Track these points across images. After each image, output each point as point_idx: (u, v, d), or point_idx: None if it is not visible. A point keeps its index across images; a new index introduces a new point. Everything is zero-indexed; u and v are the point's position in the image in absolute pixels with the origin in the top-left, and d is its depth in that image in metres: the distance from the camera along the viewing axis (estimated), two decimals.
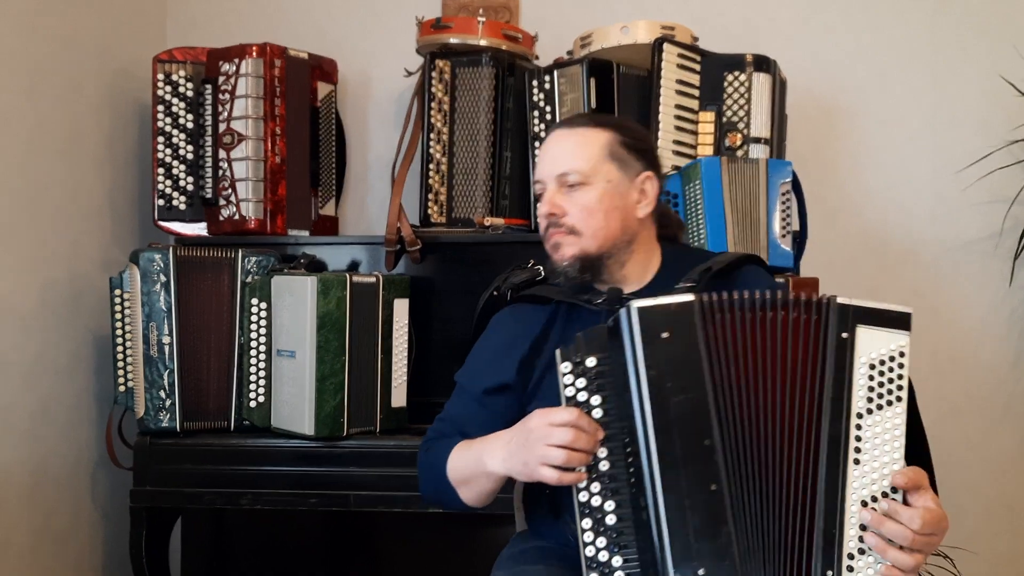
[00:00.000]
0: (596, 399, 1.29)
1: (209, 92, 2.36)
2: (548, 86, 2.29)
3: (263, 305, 2.14)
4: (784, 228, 2.12)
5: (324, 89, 2.50)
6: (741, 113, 2.22)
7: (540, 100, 2.30)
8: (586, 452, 1.27)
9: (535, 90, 2.30)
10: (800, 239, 2.27)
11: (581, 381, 1.29)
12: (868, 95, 2.70)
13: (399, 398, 2.15)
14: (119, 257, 2.48)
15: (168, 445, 2.10)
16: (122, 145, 2.56)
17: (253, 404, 2.14)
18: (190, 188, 2.44)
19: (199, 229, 2.43)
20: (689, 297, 1.29)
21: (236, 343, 2.16)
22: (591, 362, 1.29)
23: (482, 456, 1.41)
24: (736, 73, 2.23)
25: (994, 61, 2.64)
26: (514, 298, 1.62)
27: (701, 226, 2.05)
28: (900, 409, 1.26)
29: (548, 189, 1.52)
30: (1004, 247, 2.67)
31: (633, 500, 1.27)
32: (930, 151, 2.69)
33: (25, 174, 2.17)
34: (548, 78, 2.29)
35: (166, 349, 2.11)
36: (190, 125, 2.44)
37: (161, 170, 2.44)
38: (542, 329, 1.54)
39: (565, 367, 1.29)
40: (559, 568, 1.40)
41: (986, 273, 2.68)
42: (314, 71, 2.45)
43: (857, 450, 1.25)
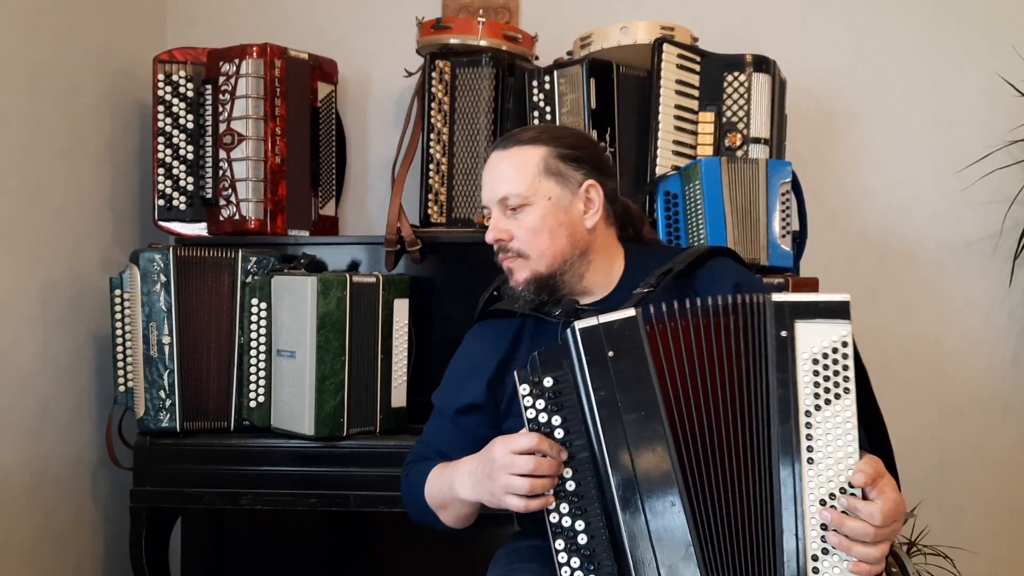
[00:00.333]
0: (556, 419, 1.28)
1: (209, 92, 2.36)
2: (548, 86, 2.29)
3: (263, 305, 2.14)
4: (784, 228, 2.12)
5: (324, 89, 2.50)
6: (741, 113, 2.22)
7: (540, 100, 2.30)
8: (550, 476, 1.27)
9: (535, 90, 2.30)
10: (800, 239, 2.27)
11: (540, 402, 1.29)
12: (868, 95, 2.70)
13: (399, 398, 2.15)
14: (119, 257, 2.48)
15: (168, 445, 2.10)
16: (122, 145, 2.56)
17: (253, 404, 2.14)
18: (190, 188, 2.45)
19: (199, 229, 2.44)
20: (631, 312, 1.27)
21: (236, 343, 2.16)
22: (548, 382, 1.28)
23: (453, 484, 1.42)
24: (736, 73, 2.23)
25: (994, 61, 2.64)
26: (481, 314, 1.62)
27: (701, 226, 2.05)
28: (849, 401, 1.23)
29: (493, 214, 1.52)
30: (1004, 247, 2.67)
31: (602, 517, 1.27)
32: (930, 151, 2.69)
33: (25, 174, 2.17)
34: (548, 78, 2.29)
35: (166, 349, 2.11)
36: (190, 125, 2.44)
37: (161, 170, 2.44)
38: (509, 345, 1.54)
39: (524, 389, 1.29)
40: (552, 566, 1.40)
41: (986, 273, 2.68)
42: (314, 71, 2.45)
43: (810, 449, 1.23)
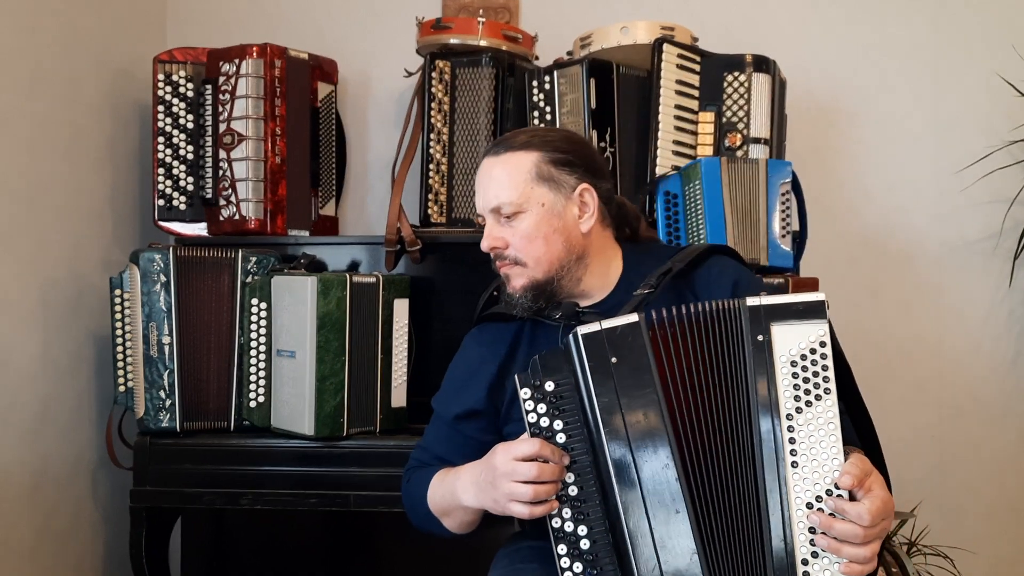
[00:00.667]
0: (558, 424, 1.28)
1: (209, 92, 2.36)
2: (548, 86, 2.29)
3: (263, 305, 2.14)
4: (784, 228, 2.12)
5: (324, 89, 2.50)
6: (741, 113, 2.22)
7: (540, 100, 2.30)
8: (553, 482, 1.27)
9: (535, 90, 2.30)
10: (800, 239, 2.27)
11: (542, 406, 1.28)
12: (868, 95, 2.70)
13: (399, 398, 2.15)
14: (119, 257, 2.48)
15: (168, 445, 2.10)
16: (122, 145, 2.56)
17: (253, 404, 2.14)
18: (190, 188, 2.45)
19: (199, 229, 2.44)
20: (634, 318, 1.27)
21: (236, 343, 2.16)
22: (549, 386, 1.28)
23: (455, 490, 1.41)
24: (736, 73, 2.23)
25: (994, 61, 2.64)
26: (479, 318, 1.61)
27: (701, 226, 2.05)
28: (831, 402, 1.23)
29: (487, 222, 1.52)
30: (1004, 247, 2.67)
31: (605, 522, 1.27)
32: (930, 151, 2.69)
33: (25, 174, 2.17)
34: (548, 78, 2.29)
35: (166, 349, 2.11)
36: (190, 125, 2.44)
37: (161, 170, 2.44)
38: (508, 349, 1.53)
39: (525, 393, 1.29)
40: (553, 567, 1.40)
41: (986, 273, 2.68)
42: (314, 71, 2.45)
43: (793, 452, 1.23)
